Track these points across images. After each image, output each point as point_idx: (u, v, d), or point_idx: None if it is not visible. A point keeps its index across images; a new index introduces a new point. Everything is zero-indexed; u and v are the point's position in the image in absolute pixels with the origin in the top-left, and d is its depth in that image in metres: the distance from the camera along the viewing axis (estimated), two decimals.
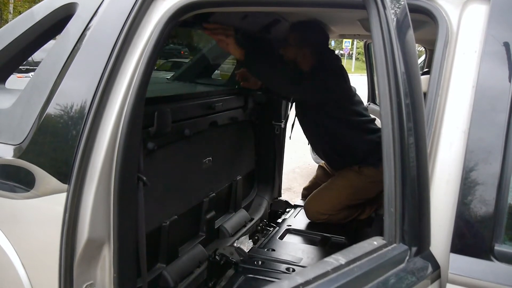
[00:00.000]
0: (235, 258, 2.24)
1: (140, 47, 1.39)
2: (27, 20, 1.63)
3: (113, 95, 1.36)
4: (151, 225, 1.89)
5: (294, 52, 2.48)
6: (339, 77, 2.52)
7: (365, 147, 2.64)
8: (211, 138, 2.39)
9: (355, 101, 2.69)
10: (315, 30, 2.48)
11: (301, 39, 2.45)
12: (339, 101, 2.54)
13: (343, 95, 2.56)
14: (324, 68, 2.44)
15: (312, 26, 2.45)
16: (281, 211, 3.11)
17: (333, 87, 2.44)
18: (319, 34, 2.53)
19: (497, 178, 1.08)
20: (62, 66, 1.43)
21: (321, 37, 2.55)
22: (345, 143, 2.66)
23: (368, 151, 2.63)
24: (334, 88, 2.45)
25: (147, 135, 1.77)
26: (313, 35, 2.49)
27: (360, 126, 2.65)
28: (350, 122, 2.62)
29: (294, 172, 6.08)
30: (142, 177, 1.54)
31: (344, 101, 2.59)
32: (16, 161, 1.42)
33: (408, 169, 1.02)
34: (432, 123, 1.17)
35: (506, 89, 1.11)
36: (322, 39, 2.56)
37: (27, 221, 1.44)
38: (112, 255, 1.39)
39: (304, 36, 2.46)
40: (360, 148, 2.65)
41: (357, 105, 2.69)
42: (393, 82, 1.03)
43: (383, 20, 1.04)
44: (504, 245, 1.08)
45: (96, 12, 1.45)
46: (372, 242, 1.02)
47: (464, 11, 1.24)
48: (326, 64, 2.48)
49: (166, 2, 1.42)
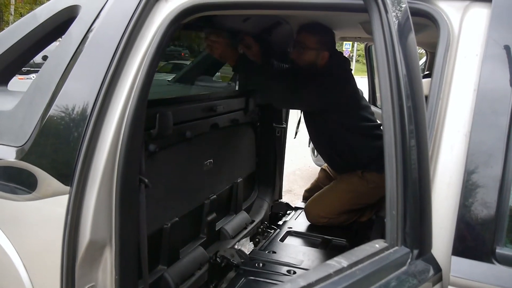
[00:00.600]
0: (236, 260, 2.24)
1: (143, 50, 1.39)
2: (29, 22, 1.64)
3: (116, 98, 1.37)
4: (153, 227, 1.89)
5: (314, 55, 2.40)
6: (345, 82, 2.47)
7: (370, 153, 2.61)
8: (212, 140, 2.40)
9: (362, 105, 2.63)
10: (328, 31, 2.46)
11: (321, 42, 2.41)
12: (345, 106, 2.49)
13: (349, 100, 2.51)
14: (329, 72, 2.40)
15: (325, 27, 2.42)
16: (281, 213, 3.11)
17: (337, 92, 2.39)
18: (332, 35, 2.50)
19: (498, 181, 1.08)
20: (64, 68, 1.43)
21: (333, 38, 2.52)
22: (349, 149, 2.63)
23: (372, 157, 2.60)
24: (338, 93, 2.40)
25: (148, 137, 1.77)
26: (330, 37, 2.47)
27: (365, 132, 2.61)
28: (356, 128, 2.57)
29: (294, 174, 6.08)
30: (143, 179, 1.54)
31: (350, 106, 2.54)
32: (18, 163, 1.42)
33: (410, 172, 1.02)
34: (434, 126, 1.18)
35: (507, 93, 1.11)
36: (334, 40, 2.54)
37: (29, 223, 1.44)
38: (114, 257, 1.40)
39: (325, 38, 2.42)
40: (365, 154, 2.62)
41: (364, 110, 2.63)
42: (395, 85, 1.03)
43: (385, 23, 1.05)
44: (505, 247, 1.08)
45: (99, 15, 1.46)
46: (374, 245, 1.02)
47: (465, 14, 1.24)
48: (332, 68, 2.44)
49: (168, 4, 1.43)
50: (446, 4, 1.27)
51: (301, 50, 2.40)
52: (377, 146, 2.58)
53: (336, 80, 2.42)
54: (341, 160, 2.71)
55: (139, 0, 1.41)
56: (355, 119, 2.57)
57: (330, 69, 2.42)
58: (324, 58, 2.41)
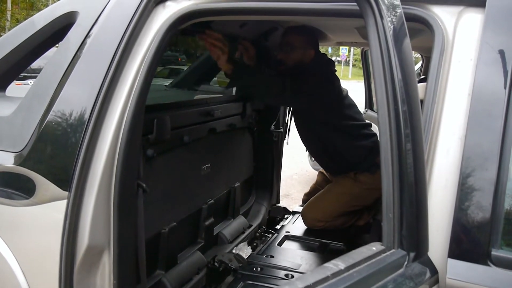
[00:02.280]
0: (234, 265, 2.25)
1: (141, 55, 1.40)
2: (28, 29, 1.64)
3: (114, 103, 1.37)
4: (151, 231, 1.90)
5: (301, 54, 2.48)
6: (328, 79, 2.52)
7: (358, 152, 2.64)
8: (209, 145, 2.40)
9: (346, 104, 2.64)
10: (313, 30, 2.53)
11: (307, 41, 2.49)
12: (328, 104, 2.51)
13: (332, 99, 2.53)
14: (313, 72, 2.45)
15: (309, 27, 2.50)
16: (279, 218, 3.12)
17: (320, 91, 2.42)
18: (315, 35, 2.58)
19: (493, 184, 1.09)
20: (62, 74, 1.44)
21: (316, 38, 2.59)
22: (337, 149, 2.65)
23: (362, 157, 2.63)
24: (321, 92, 2.43)
25: (146, 142, 1.78)
26: (314, 36, 2.55)
27: (352, 131, 2.63)
28: (341, 127, 2.60)
29: (292, 178, 6.09)
30: (141, 184, 1.55)
31: (334, 104, 2.56)
32: (16, 168, 1.43)
33: (406, 175, 1.03)
34: (429, 129, 1.19)
35: (501, 96, 1.13)
36: (317, 39, 2.60)
37: (27, 228, 1.44)
38: (112, 262, 1.40)
39: (311, 37, 2.51)
40: (353, 153, 2.65)
41: (349, 109, 2.65)
42: (391, 90, 1.04)
43: (380, 29, 1.06)
44: (501, 250, 1.09)
45: (97, 21, 1.46)
46: (371, 248, 1.03)
47: (459, 19, 1.26)
48: (315, 67, 2.50)
49: (166, 10, 1.44)
50: (440, 9, 1.28)
51: (289, 50, 2.47)
52: (365, 146, 2.61)
53: (321, 77, 2.47)
54: (331, 161, 2.75)
55: (137, 6, 1.42)
56: (340, 118, 2.59)
57: (315, 67, 2.49)
58: (310, 55, 2.50)
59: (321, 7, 1.38)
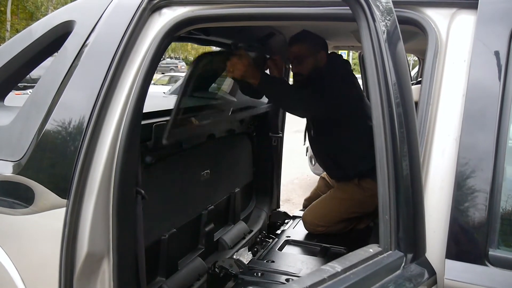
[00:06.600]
0: (234, 270, 2.24)
1: (137, 63, 1.42)
2: (25, 38, 1.66)
3: (111, 111, 1.38)
4: (150, 238, 1.90)
5: (313, 60, 2.43)
6: (350, 79, 2.48)
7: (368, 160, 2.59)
8: (208, 150, 2.41)
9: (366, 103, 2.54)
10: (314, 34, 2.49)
11: (313, 45, 2.44)
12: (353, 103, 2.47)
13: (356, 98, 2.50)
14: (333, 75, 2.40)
15: (310, 32, 2.45)
16: (280, 223, 3.11)
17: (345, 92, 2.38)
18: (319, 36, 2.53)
19: (489, 184, 1.10)
20: (60, 82, 1.45)
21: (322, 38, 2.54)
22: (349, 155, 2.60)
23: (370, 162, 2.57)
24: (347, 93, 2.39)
25: (145, 149, 1.79)
26: (318, 38, 2.49)
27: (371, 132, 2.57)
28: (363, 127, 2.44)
29: (293, 183, 6.08)
30: (140, 191, 1.55)
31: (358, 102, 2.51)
32: (15, 177, 1.43)
33: (402, 177, 1.04)
34: (424, 131, 1.19)
35: (495, 97, 1.13)
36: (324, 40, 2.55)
37: (26, 237, 1.44)
38: (112, 269, 1.40)
39: (315, 40, 2.45)
40: (363, 161, 2.58)
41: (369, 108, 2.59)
42: (385, 93, 1.05)
43: (373, 32, 1.07)
44: (498, 250, 1.10)
45: (94, 29, 1.48)
46: (368, 250, 1.03)
47: (452, 21, 1.27)
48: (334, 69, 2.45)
49: (162, 18, 1.45)
50: (433, 11, 1.29)
51: (300, 61, 2.43)
52: None
53: (343, 78, 2.43)
54: (340, 168, 2.68)
55: (133, 14, 1.43)
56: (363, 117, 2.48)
57: (333, 69, 2.44)
58: (322, 58, 2.45)
59: (316, 12, 1.39)
